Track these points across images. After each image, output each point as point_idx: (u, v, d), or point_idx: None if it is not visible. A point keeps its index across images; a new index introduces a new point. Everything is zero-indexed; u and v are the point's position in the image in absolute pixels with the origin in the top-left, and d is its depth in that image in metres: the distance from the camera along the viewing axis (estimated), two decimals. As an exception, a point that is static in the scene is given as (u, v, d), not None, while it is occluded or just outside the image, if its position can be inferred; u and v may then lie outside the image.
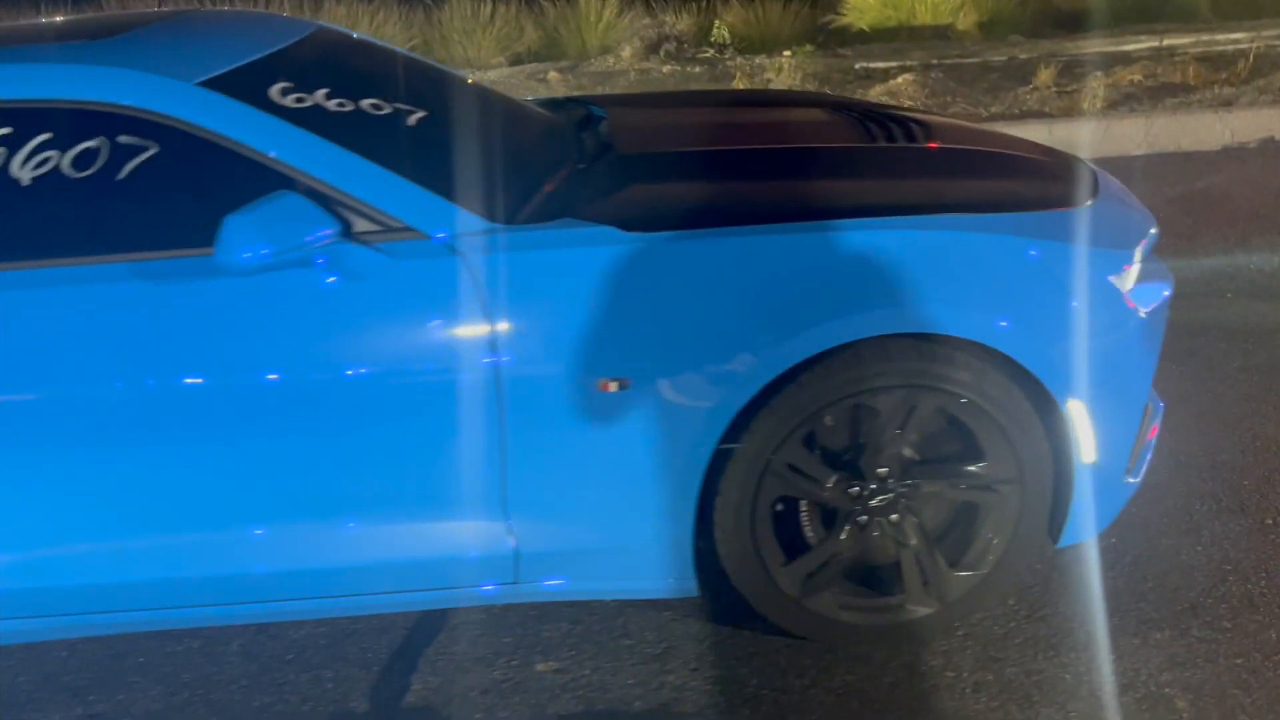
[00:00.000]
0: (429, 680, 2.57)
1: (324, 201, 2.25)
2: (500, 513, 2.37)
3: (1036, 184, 2.68)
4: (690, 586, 2.49)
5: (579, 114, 3.20)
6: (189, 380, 2.18)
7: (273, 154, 2.26)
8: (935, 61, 8.42)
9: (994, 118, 6.78)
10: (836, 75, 8.14)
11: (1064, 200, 2.56)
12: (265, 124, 2.28)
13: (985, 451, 2.43)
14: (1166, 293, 2.65)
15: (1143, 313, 2.49)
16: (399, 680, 2.57)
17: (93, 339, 2.21)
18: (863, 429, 2.42)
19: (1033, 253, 2.36)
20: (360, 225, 2.27)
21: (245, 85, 2.38)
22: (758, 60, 8.76)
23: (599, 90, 8.27)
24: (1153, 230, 2.69)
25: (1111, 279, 2.43)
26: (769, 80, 7.88)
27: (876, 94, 7.36)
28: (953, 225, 2.35)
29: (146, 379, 2.19)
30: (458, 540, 2.40)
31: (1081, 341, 2.36)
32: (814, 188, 2.56)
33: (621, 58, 9.19)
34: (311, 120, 2.36)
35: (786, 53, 8.88)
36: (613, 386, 2.28)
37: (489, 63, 9.60)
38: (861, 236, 2.32)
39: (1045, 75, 7.43)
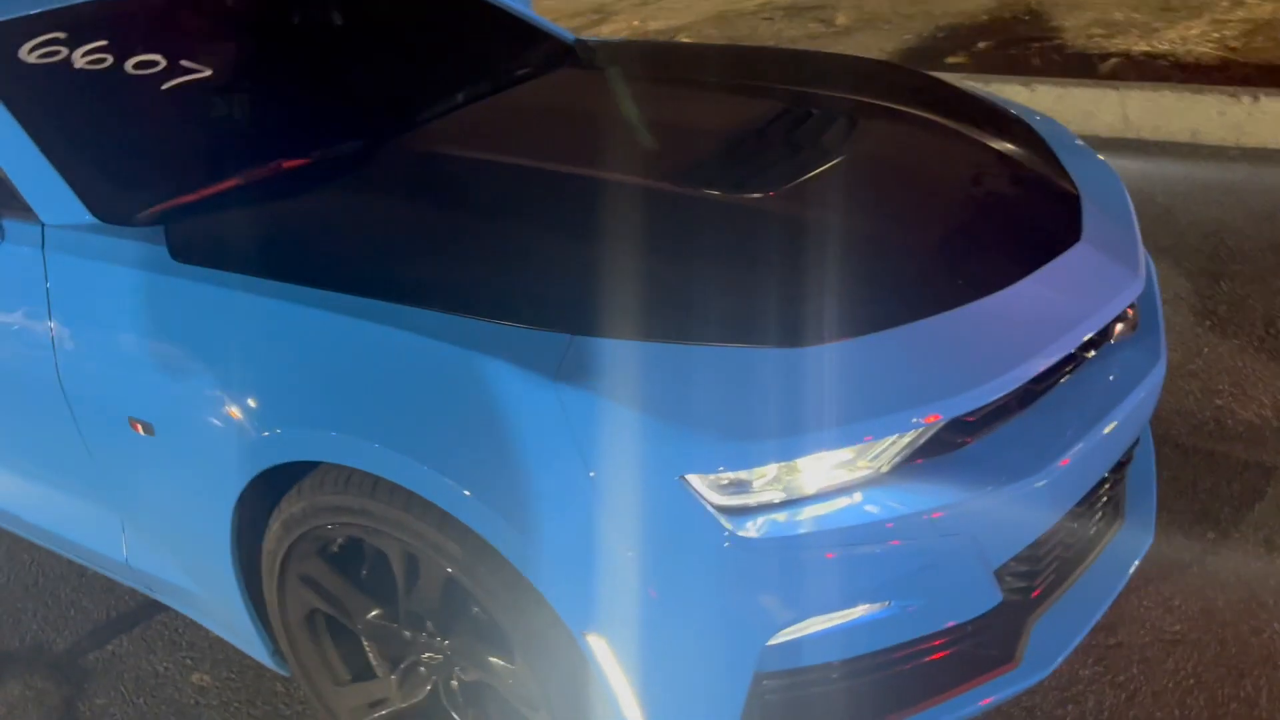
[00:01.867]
0: (123, 647, 2.57)
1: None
2: (115, 519, 2.25)
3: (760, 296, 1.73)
4: (269, 662, 2.17)
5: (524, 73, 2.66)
6: None
7: (-41, 113, 2.25)
8: None
9: None
10: None
11: (750, 330, 1.64)
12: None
13: (512, 655, 1.74)
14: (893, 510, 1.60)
15: (751, 534, 1.54)
16: (107, 637, 2.61)
17: None
18: (388, 567, 1.86)
19: (544, 403, 1.56)
20: (6, 201, 2.20)
21: (6, 36, 2.37)
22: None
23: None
24: (936, 410, 1.62)
25: (694, 479, 1.53)
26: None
27: None
28: (469, 338, 1.64)
29: None
30: (95, 533, 2.33)
31: (613, 556, 1.55)
32: (465, 247, 1.91)
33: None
34: (26, 81, 2.29)
35: None
36: (140, 428, 2.00)
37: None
38: (353, 327, 1.72)
39: None
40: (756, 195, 1.97)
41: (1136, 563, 2.06)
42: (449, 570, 1.70)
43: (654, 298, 1.71)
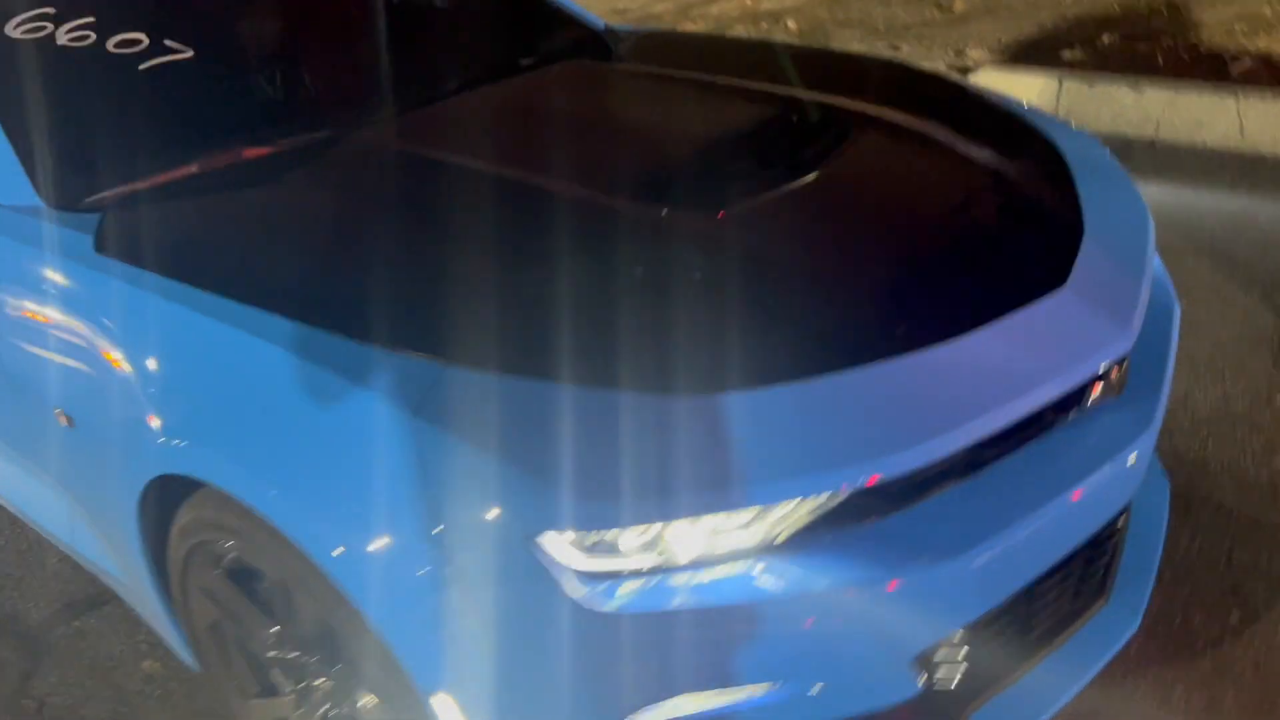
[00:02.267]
0: (89, 625, 2.57)
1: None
2: (63, 502, 2.23)
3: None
4: (193, 664, 2.12)
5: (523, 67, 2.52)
6: None
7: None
8: None
9: None
10: None
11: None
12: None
13: (386, 704, 1.63)
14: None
15: (608, 608, 1.39)
16: (78, 613, 2.62)
17: None
18: (274, 589, 1.77)
19: (403, 443, 1.43)
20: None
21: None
22: None
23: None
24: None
25: (553, 539, 1.38)
26: None
27: None
28: (346, 361, 1.52)
29: None
30: (49, 514, 2.32)
31: (461, 616, 1.42)
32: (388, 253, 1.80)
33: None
34: (7, 58, 2.26)
35: None
36: (64, 420, 1.97)
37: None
38: (234, 339, 1.62)
39: None
40: (701, 215, 1.80)
41: (1114, 651, 1.82)
42: (316, 604, 1.60)
43: (545, 329, 1.56)
